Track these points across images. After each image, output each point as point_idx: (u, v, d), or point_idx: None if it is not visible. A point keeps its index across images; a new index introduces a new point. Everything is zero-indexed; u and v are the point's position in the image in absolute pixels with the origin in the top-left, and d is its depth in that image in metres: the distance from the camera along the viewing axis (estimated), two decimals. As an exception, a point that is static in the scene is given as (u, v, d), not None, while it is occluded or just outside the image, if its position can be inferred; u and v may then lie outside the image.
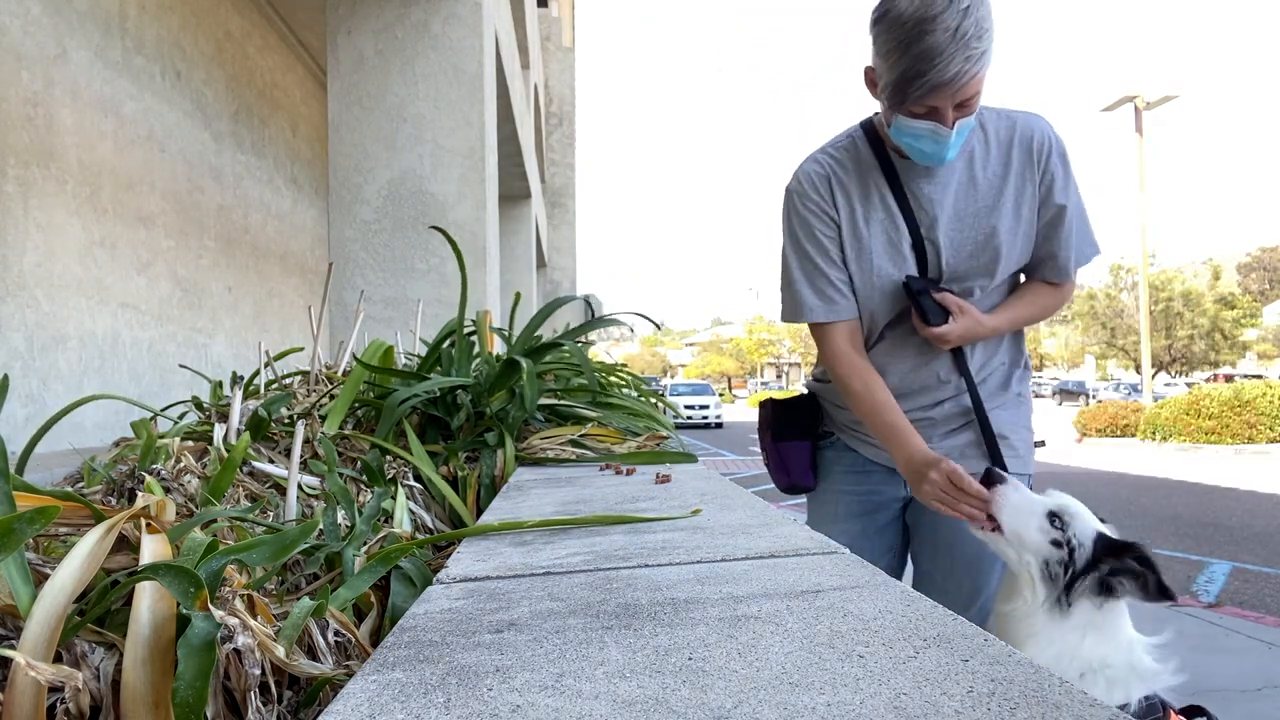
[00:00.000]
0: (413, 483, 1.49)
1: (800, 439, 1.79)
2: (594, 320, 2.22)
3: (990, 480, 1.33)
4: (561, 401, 2.09)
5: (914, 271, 1.57)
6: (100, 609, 0.66)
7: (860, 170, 1.59)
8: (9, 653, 0.56)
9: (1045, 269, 1.61)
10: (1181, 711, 1.23)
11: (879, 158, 1.58)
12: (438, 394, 1.82)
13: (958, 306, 1.52)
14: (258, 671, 0.64)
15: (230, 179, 6.03)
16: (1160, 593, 1.19)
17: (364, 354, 2.03)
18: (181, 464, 1.24)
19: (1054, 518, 1.26)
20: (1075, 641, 1.19)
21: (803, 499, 1.84)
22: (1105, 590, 1.20)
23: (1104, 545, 1.23)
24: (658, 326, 2.44)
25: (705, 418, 23.94)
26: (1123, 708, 1.14)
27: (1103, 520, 1.33)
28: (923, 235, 1.56)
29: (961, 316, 1.52)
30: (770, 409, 1.82)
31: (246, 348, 6.13)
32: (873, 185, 1.58)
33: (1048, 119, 1.59)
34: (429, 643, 0.64)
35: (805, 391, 1.85)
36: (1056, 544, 1.24)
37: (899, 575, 1.65)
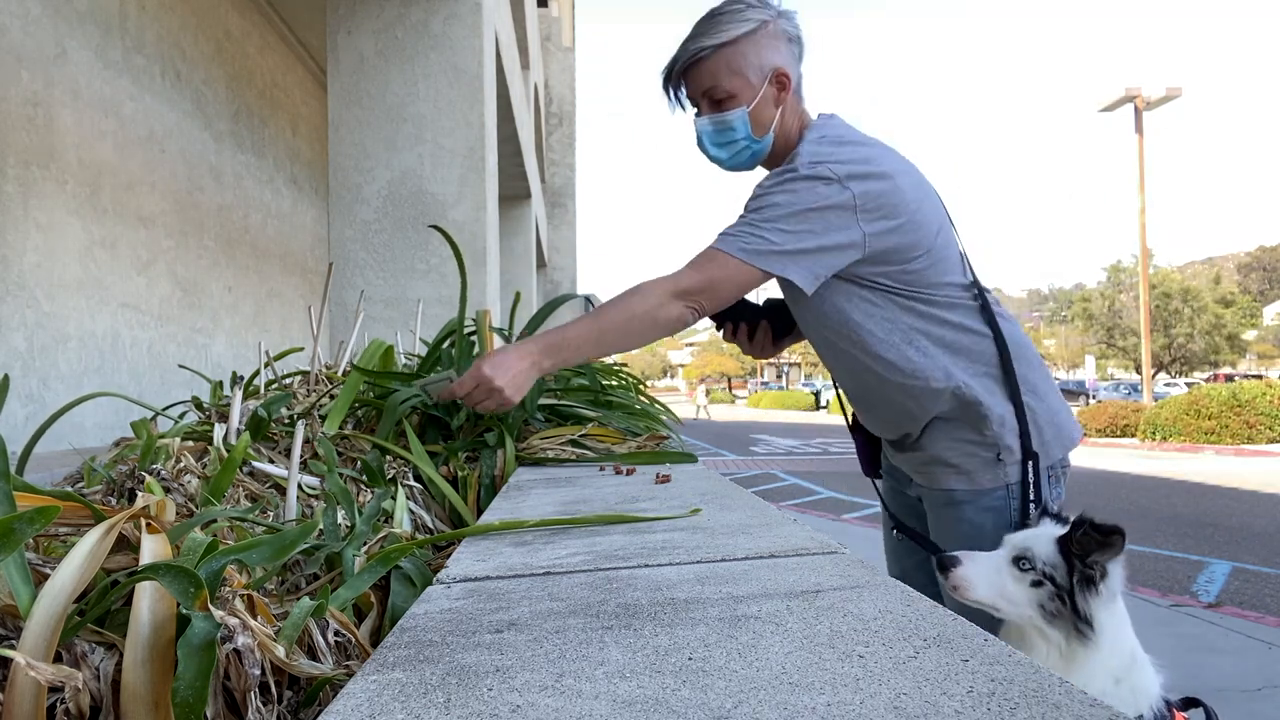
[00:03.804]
0: (413, 483, 1.49)
1: (858, 432, 1.79)
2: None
3: (943, 568, 1.27)
4: (561, 401, 2.09)
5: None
6: (100, 609, 0.66)
7: None
8: (9, 653, 0.56)
9: None
10: (1179, 704, 1.23)
11: None
12: (438, 394, 1.82)
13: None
14: (258, 671, 0.64)
15: (230, 179, 6.03)
16: (1104, 534, 1.17)
17: (364, 353, 2.03)
18: (181, 464, 1.24)
19: (1019, 561, 1.23)
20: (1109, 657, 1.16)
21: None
22: (1089, 581, 1.19)
23: (1064, 548, 1.21)
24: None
25: None
26: None
27: (1059, 517, 1.31)
28: None
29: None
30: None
31: (246, 348, 6.13)
32: None
33: (826, 148, 1.43)
34: (429, 643, 0.64)
35: None
36: (1038, 583, 1.21)
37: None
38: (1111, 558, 1.19)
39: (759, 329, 1.62)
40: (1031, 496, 1.44)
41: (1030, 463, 1.45)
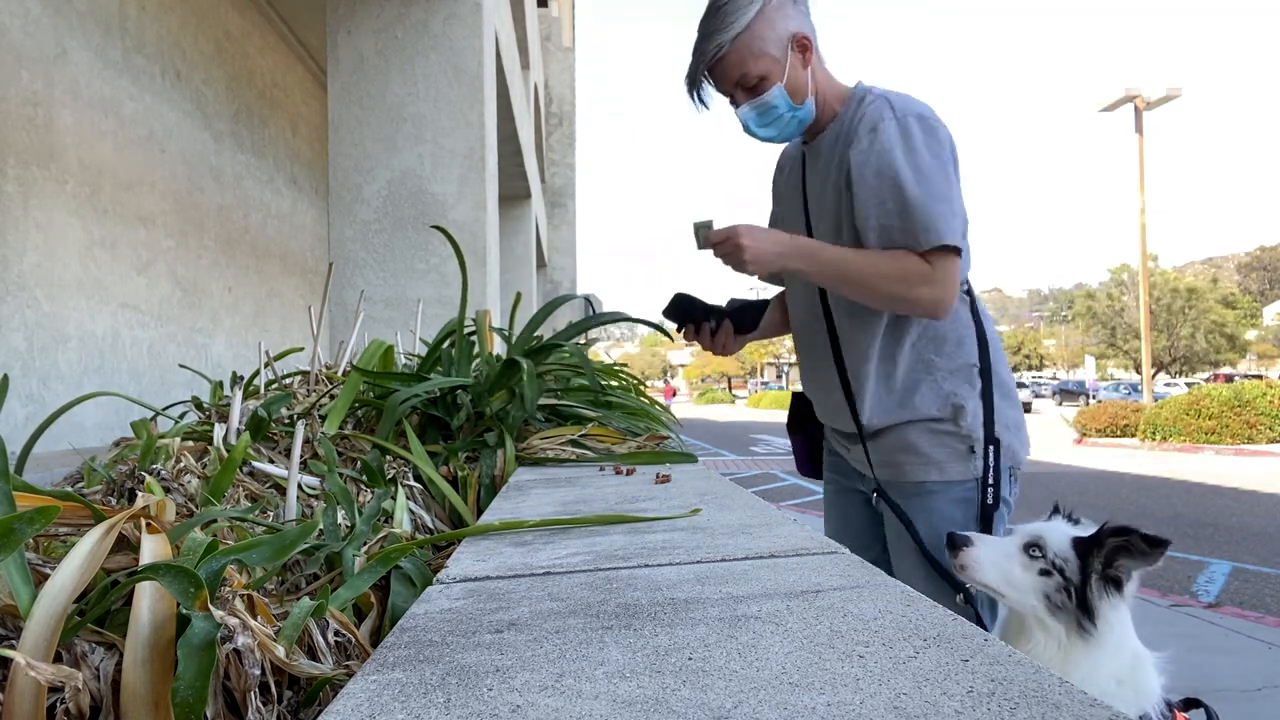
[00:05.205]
0: (413, 483, 1.49)
1: (799, 432, 1.86)
2: (596, 316, 2.22)
3: (954, 545, 1.27)
4: (561, 402, 2.09)
5: None
6: (100, 609, 0.66)
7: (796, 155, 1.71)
8: (9, 653, 0.56)
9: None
10: (1179, 705, 1.23)
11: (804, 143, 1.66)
12: (438, 394, 1.82)
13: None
14: (258, 671, 0.64)
15: (230, 179, 6.03)
16: (1151, 545, 1.17)
17: (364, 353, 2.03)
18: (181, 464, 1.24)
19: (1030, 549, 1.23)
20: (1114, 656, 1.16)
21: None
22: (1113, 583, 1.18)
23: (1082, 545, 1.21)
24: (670, 336, 2.42)
25: None
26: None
27: (1071, 518, 1.32)
28: (810, 218, 1.63)
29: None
30: (791, 401, 1.89)
31: (246, 348, 6.13)
32: (798, 166, 1.67)
33: (910, 100, 1.48)
34: (429, 643, 0.64)
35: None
36: (1045, 572, 1.21)
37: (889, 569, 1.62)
38: (1144, 566, 1.19)
39: (721, 329, 1.63)
40: (991, 482, 1.46)
41: (991, 447, 1.47)
